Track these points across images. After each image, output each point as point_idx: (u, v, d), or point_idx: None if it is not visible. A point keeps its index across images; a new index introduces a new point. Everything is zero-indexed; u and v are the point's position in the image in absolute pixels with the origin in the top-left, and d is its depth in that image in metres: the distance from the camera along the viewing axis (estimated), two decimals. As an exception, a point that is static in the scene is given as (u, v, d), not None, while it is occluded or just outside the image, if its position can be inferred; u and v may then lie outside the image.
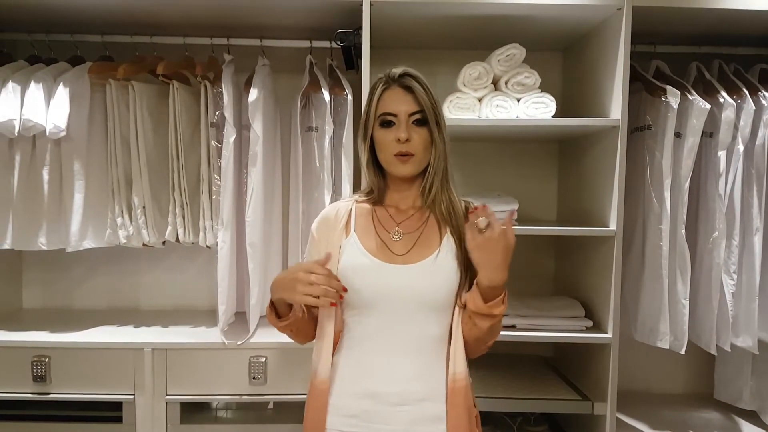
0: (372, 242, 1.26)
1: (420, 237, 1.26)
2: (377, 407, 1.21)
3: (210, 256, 2.18)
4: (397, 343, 1.22)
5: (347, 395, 1.23)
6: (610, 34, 1.79)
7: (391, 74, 1.25)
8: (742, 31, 1.90)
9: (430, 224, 1.28)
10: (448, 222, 1.27)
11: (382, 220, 1.29)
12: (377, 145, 1.26)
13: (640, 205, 1.88)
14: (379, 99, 1.24)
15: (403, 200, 1.31)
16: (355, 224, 1.28)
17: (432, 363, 1.24)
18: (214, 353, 1.81)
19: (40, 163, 1.86)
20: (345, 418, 1.22)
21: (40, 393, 1.79)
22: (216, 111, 1.91)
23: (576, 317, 1.84)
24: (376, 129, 1.25)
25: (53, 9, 1.83)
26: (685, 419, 2.01)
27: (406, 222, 1.29)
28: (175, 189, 1.93)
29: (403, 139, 1.20)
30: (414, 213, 1.30)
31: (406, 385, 1.21)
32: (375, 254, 1.24)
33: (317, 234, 1.32)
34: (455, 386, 1.22)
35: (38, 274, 2.25)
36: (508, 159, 2.25)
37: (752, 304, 1.80)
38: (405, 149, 1.21)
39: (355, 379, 1.23)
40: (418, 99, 1.22)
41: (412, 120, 1.22)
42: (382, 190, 1.32)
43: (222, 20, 1.92)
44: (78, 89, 1.86)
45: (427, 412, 1.21)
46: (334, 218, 1.30)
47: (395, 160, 1.23)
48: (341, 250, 1.26)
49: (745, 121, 1.77)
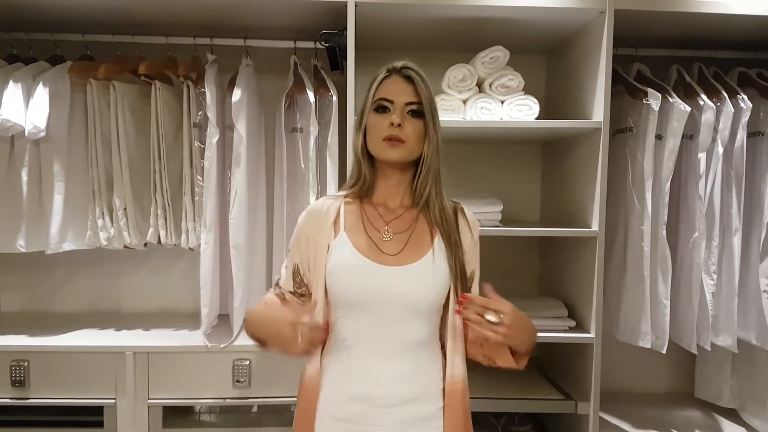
0: (362, 241, 1.23)
1: (411, 237, 1.24)
2: (367, 409, 1.20)
3: (193, 258, 2.16)
4: (387, 345, 1.21)
5: (336, 398, 1.22)
6: (593, 38, 1.81)
7: (394, 65, 1.25)
8: (722, 35, 1.93)
9: (420, 224, 1.27)
10: (440, 225, 1.25)
11: (371, 218, 1.27)
12: (369, 130, 1.24)
13: (622, 207, 1.90)
14: (378, 86, 1.23)
15: (391, 197, 1.29)
16: (345, 222, 1.26)
17: (423, 364, 1.23)
18: (197, 356, 1.79)
19: (19, 164, 1.83)
20: (335, 421, 1.21)
21: (19, 398, 1.76)
22: (199, 111, 1.89)
23: (559, 317, 1.86)
24: (371, 114, 1.23)
25: (33, 7, 1.80)
26: (667, 418, 2.04)
27: (396, 221, 1.26)
28: (157, 190, 1.90)
29: (395, 123, 1.19)
30: (403, 212, 1.28)
31: (395, 387, 1.20)
32: (366, 254, 1.21)
33: (305, 226, 1.28)
34: (453, 388, 1.22)
35: (17, 276, 2.21)
36: (493, 160, 2.26)
37: (732, 303, 1.83)
38: (396, 134, 1.19)
39: (343, 381, 1.22)
40: (418, 90, 1.22)
41: (408, 110, 1.21)
42: (370, 180, 1.28)
43: (205, 20, 1.90)
44: (58, 89, 1.83)
45: (418, 413, 1.21)
46: (324, 213, 1.27)
47: (384, 144, 1.20)
48: (330, 248, 1.23)
49: (725, 124, 1.79)
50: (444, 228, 1.25)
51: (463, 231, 1.28)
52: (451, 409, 1.21)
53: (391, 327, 1.20)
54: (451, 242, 1.24)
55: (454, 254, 1.23)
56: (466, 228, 1.30)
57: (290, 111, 1.95)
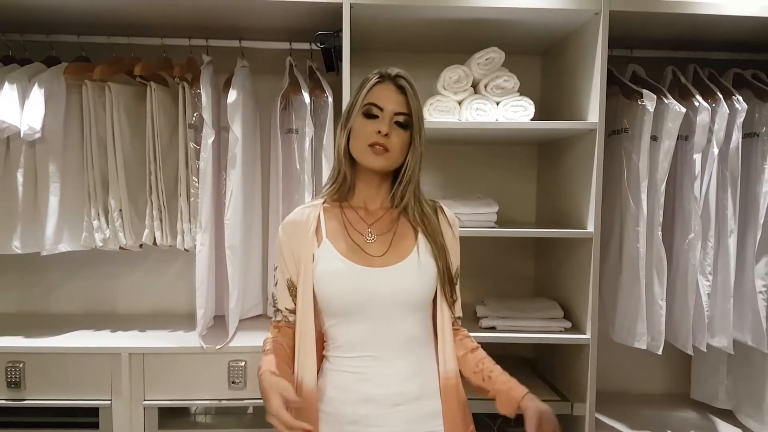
0: (346, 246, 1.24)
1: (394, 237, 1.26)
2: (375, 410, 1.20)
3: (188, 259, 2.15)
4: (387, 345, 1.21)
5: (341, 402, 1.22)
6: (588, 39, 1.81)
7: (388, 71, 1.25)
8: (717, 36, 1.93)
9: (402, 224, 1.28)
10: (421, 224, 1.27)
11: (353, 221, 1.28)
12: (354, 133, 1.24)
13: (618, 208, 1.90)
14: (369, 90, 1.23)
15: (371, 199, 1.30)
16: (326, 229, 1.26)
17: (423, 361, 1.25)
18: (193, 357, 1.79)
19: (15, 165, 1.83)
20: (342, 426, 1.21)
21: (14, 399, 1.76)
22: (194, 112, 1.89)
23: (555, 318, 1.86)
24: (358, 117, 1.23)
25: (28, 9, 1.80)
26: (663, 419, 2.04)
27: (378, 223, 1.28)
28: (152, 191, 1.90)
29: (383, 132, 1.19)
30: (384, 214, 1.29)
31: (402, 385, 1.21)
32: (351, 258, 1.22)
33: (286, 239, 1.28)
34: (447, 383, 1.24)
35: (12, 278, 2.20)
36: (488, 161, 2.26)
37: (727, 304, 1.83)
38: (383, 142, 1.20)
39: (348, 385, 1.22)
40: (408, 101, 1.22)
41: (396, 120, 1.22)
42: (350, 182, 1.28)
43: (201, 21, 1.90)
44: (53, 90, 1.83)
45: (423, 410, 1.22)
46: (305, 222, 1.27)
47: (368, 150, 1.21)
48: (315, 258, 1.24)
49: (720, 125, 1.79)
50: (425, 225, 1.26)
51: (444, 229, 1.30)
52: (449, 406, 1.23)
53: (387, 326, 1.21)
54: (435, 239, 1.26)
55: (438, 249, 1.25)
56: (447, 225, 1.32)
57: (286, 112, 1.95)
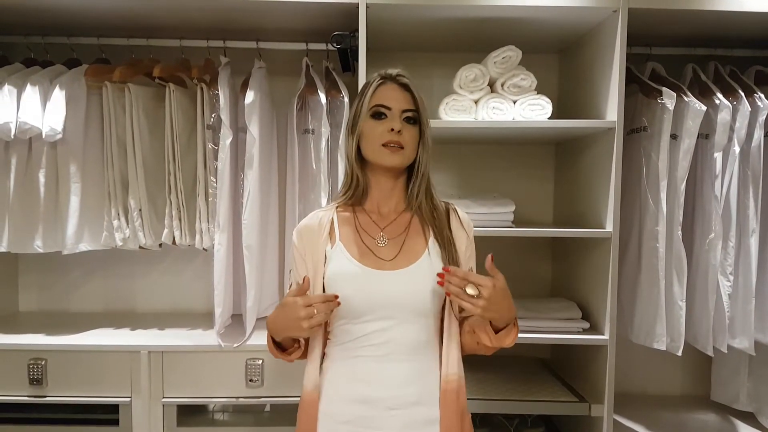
0: (358, 249, 1.24)
1: (405, 241, 1.26)
2: (371, 412, 1.20)
3: (206, 258, 2.18)
4: (390, 348, 1.21)
5: (339, 402, 1.23)
6: (606, 36, 1.79)
7: (389, 72, 1.27)
8: (738, 33, 1.90)
9: (414, 228, 1.28)
10: (432, 224, 1.27)
11: (365, 225, 1.28)
12: (364, 137, 1.25)
13: (637, 207, 1.88)
14: (373, 92, 1.25)
15: (384, 203, 1.30)
16: (339, 233, 1.27)
17: (425, 366, 1.23)
18: (211, 356, 1.81)
19: (37, 166, 1.86)
20: (338, 425, 1.22)
21: (36, 396, 1.79)
22: (212, 113, 1.90)
23: (573, 319, 1.84)
24: (366, 121, 1.24)
25: (49, 11, 1.83)
26: (682, 421, 2.01)
27: (390, 227, 1.28)
28: (171, 191, 1.93)
29: (396, 129, 1.21)
30: (396, 217, 1.30)
31: (399, 389, 1.20)
32: (363, 261, 1.23)
33: (300, 243, 1.29)
34: (447, 387, 1.22)
35: (34, 277, 2.24)
36: (505, 161, 2.25)
37: (749, 305, 1.80)
38: (396, 139, 1.21)
39: (346, 385, 1.23)
40: (414, 97, 1.25)
41: (404, 116, 1.24)
42: (364, 186, 1.29)
43: (218, 23, 1.92)
44: (74, 92, 1.86)
45: (420, 416, 1.21)
46: (318, 226, 1.28)
47: (383, 150, 1.22)
48: (327, 259, 1.24)
49: (741, 123, 1.77)
50: (436, 225, 1.27)
51: (458, 230, 1.30)
52: (447, 414, 1.21)
53: (393, 330, 1.21)
54: (444, 239, 1.25)
55: (447, 251, 1.24)
56: (460, 227, 1.31)
57: (302, 112, 1.96)
